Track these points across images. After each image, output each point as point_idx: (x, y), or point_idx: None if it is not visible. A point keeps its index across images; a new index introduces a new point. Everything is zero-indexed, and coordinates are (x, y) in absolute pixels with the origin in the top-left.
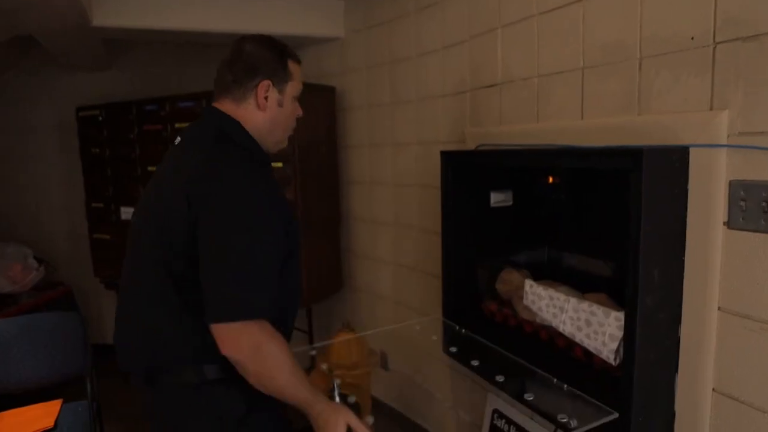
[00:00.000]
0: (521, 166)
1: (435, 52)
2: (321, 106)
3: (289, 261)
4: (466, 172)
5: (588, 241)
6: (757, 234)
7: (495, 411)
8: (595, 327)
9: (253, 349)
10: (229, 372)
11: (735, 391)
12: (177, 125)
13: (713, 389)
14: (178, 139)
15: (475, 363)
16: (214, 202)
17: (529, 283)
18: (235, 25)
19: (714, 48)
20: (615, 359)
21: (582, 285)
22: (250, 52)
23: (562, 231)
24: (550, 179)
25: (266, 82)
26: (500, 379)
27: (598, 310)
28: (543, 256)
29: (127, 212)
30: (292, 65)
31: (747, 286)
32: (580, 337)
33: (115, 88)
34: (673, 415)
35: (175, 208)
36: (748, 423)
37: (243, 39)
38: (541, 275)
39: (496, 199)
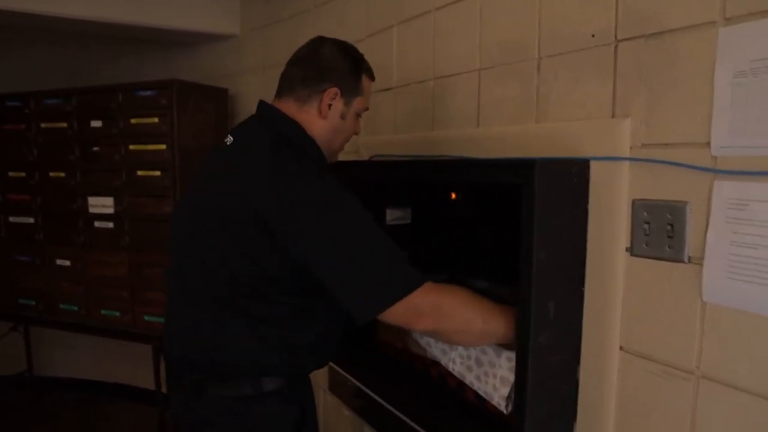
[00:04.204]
0: (413, 179)
1: None
2: (211, 109)
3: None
4: (361, 186)
5: (492, 264)
6: (662, 262)
7: None
8: (485, 368)
9: (435, 309)
10: (285, 384)
11: None
12: (43, 125)
13: None
14: (230, 138)
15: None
16: (301, 217)
17: None
18: (119, 15)
19: (616, 46)
20: (507, 406)
21: None
22: (326, 54)
23: (464, 253)
24: (453, 195)
25: (334, 90)
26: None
27: (489, 348)
28: (443, 280)
29: None
30: (365, 80)
31: (651, 322)
32: (470, 379)
33: None
34: None
35: (240, 220)
36: None
37: (322, 39)
38: None
39: (393, 216)
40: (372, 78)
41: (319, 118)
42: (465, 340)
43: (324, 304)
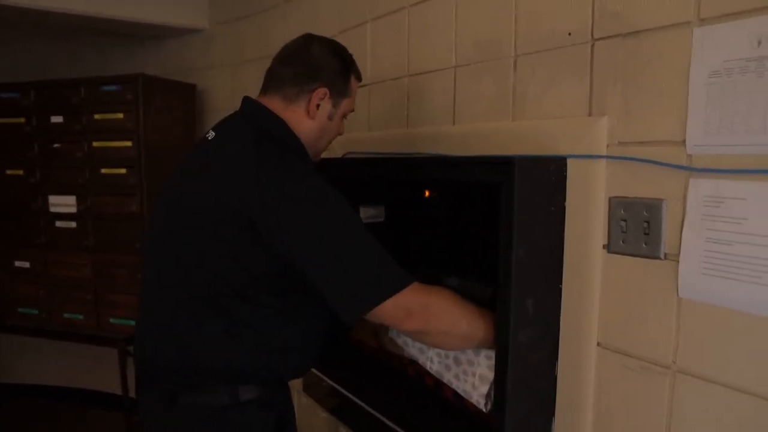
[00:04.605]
0: (391, 176)
1: None
2: (178, 105)
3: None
4: (335, 184)
5: (466, 262)
6: (638, 259)
7: None
8: (464, 366)
9: (423, 308)
10: (263, 392)
11: None
12: None
13: None
14: (211, 133)
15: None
16: (285, 211)
17: None
18: (80, 6)
19: (592, 45)
20: (486, 404)
21: None
22: (316, 53)
23: (438, 250)
24: (426, 193)
25: (323, 90)
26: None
27: None
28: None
29: None
30: (354, 82)
31: (628, 318)
32: (448, 378)
33: None
34: None
35: (221, 216)
36: None
37: (311, 37)
38: None
39: (366, 214)
40: (359, 79)
41: (307, 117)
42: (448, 342)
43: (306, 307)
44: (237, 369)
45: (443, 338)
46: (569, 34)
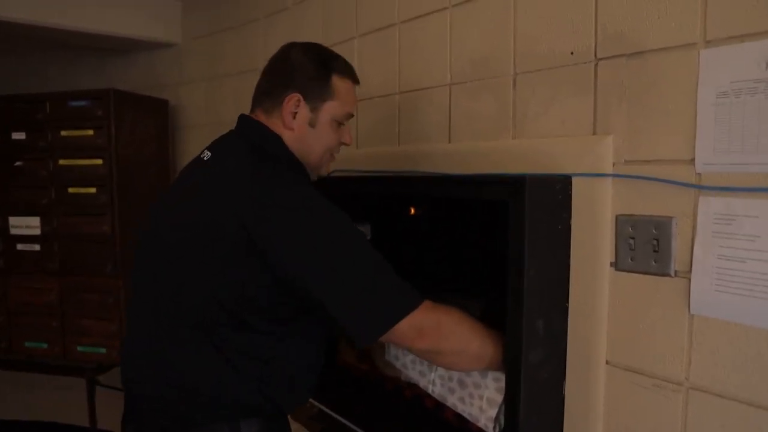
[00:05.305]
0: (381, 194)
1: None
2: (150, 122)
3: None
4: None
5: (456, 278)
6: (647, 276)
7: None
8: (470, 389)
9: (436, 327)
10: (265, 425)
11: None
12: None
13: None
14: (207, 153)
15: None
16: (282, 222)
17: None
18: (45, 17)
19: (596, 65)
20: (494, 428)
21: None
22: (291, 59)
23: (426, 267)
24: (412, 210)
25: (295, 96)
26: None
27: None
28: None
29: None
30: (338, 82)
31: (637, 336)
32: (452, 401)
33: None
34: None
35: (216, 235)
36: None
37: (292, 44)
38: None
39: None
40: (351, 78)
41: (285, 128)
42: (460, 361)
43: (305, 332)
44: (237, 401)
45: (454, 357)
46: (572, 53)
